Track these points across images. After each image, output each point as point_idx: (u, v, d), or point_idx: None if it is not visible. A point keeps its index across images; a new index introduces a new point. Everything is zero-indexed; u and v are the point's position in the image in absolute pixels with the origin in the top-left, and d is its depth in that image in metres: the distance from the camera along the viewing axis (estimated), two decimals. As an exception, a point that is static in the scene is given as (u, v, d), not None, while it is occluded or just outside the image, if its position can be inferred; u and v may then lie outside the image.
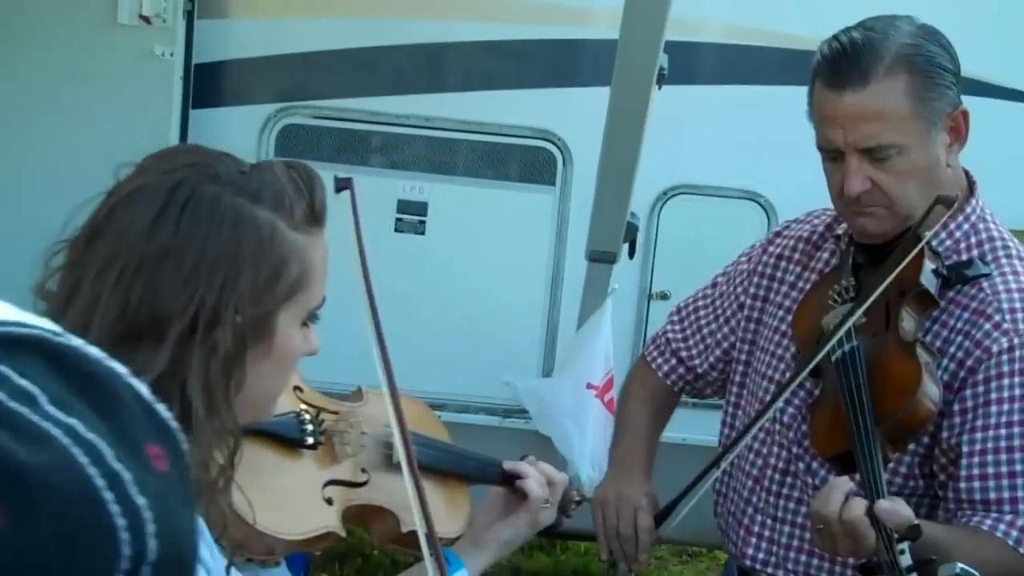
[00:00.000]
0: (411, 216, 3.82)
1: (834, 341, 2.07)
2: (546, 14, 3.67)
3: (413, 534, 1.73)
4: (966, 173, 2.23)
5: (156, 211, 1.38)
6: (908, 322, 2.07)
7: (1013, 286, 2.12)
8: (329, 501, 1.69)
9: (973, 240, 2.17)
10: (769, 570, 2.25)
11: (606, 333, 3.45)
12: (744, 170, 3.75)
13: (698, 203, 3.80)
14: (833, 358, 2.09)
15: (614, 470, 2.46)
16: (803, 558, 2.22)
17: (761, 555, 2.28)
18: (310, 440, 1.71)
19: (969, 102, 2.86)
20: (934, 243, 2.13)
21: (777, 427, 2.24)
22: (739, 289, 2.43)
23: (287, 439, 1.69)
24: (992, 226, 2.20)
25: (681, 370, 2.49)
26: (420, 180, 3.82)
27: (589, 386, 3.52)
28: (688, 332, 2.50)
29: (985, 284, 2.12)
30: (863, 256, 2.18)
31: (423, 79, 3.85)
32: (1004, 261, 2.16)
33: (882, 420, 1.99)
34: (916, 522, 1.84)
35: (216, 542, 1.40)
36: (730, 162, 3.78)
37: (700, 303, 2.52)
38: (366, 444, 1.78)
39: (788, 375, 2.25)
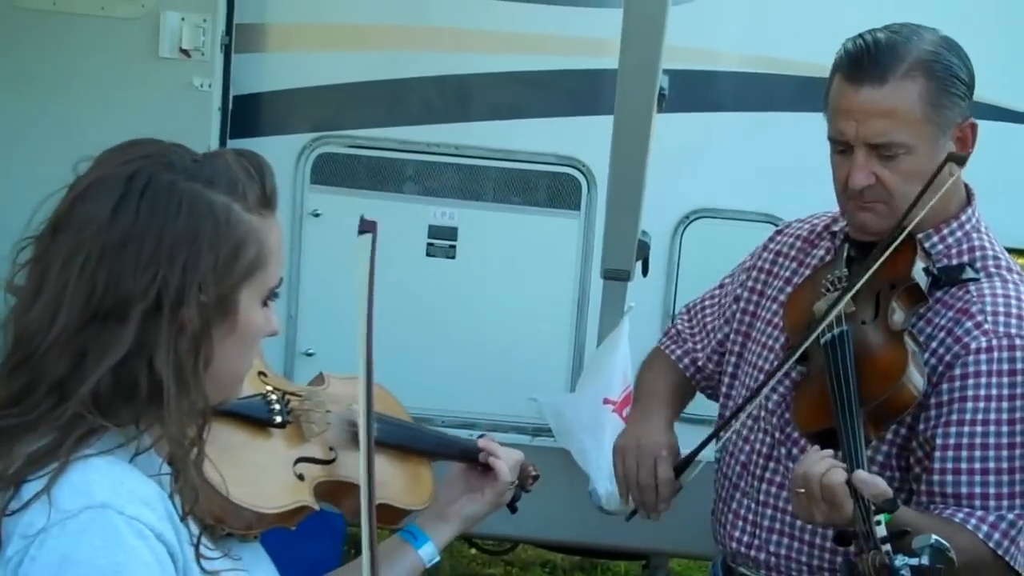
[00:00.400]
0: (442, 241, 3.91)
1: (827, 322, 2.13)
2: (569, 45, 3.76)
3: (382, 507, 1.82)
4: (965, 185, 2.29)
5: (115, 200, 1.44)
6: (897, 313, 2.13)
7: (999, 292, 2.17)
8: (300, 477, 1.75)
9: (965, 247, 2.24)
10: (752, 552, 2.31)
11: (624, 350, 3.52)
12: (762, 194, 3.81)
13: (718, 226, 3.87)
14: (822, 341, 2.14)
15: (634, 421, 2.50)
16: (784, 541, 2.27)
17: (746, 538, 2.32)
18: (278, 419, 1.76)
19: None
20: (926, 244, 2.21)
21: (763, 413, 2.30)
22: (736, 283, 2.50)
23: (256, 419, 1.74)
24: (985, 237, 2.26)
25: (687, 360, 2.57)
26: (450, 206, 3.92)
27: (606, 401, 3.57)
28: (696, 328, 2.58)
29: (972, 287, 2.17)
30: (856, 251, 2.24)
31: (452, 109, 3.94)
32: (993, 270, 2.22)
33: (866, 401, 2.05)
34: (892, 495, 1.90)
35: (188, 516, 1.47)
36: (748, 186, 3.84)
37: (707, 302, 2.60)
38: (331, 422, 1.83)
39: (772, 362, 2.31)
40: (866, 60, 2.14)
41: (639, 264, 3.53)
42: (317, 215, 3.93)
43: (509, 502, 2.10)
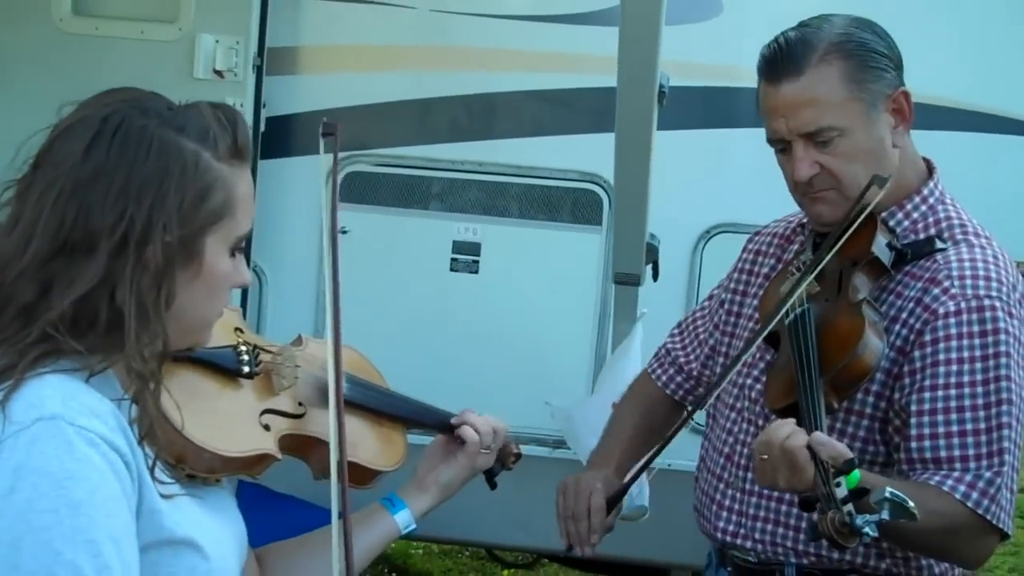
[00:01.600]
0: (465, 256, 3.99)
1: (790, 302, 2.16)
2: (590, 64, 3.81)
3: (352, 466, 1.84)
4: (925, 160, 2.31)
5: (89, 139, 1.51)
6: (858, 287, 2.15)
7: (965, 256, 2.18)
8: (266, 427, 1.78)
9: (931, 219, 2.25)
10: (739, 541, 2.31)
11: (635, 355, 3.53)
12: (781, 209, 3.84)
13: (739, 240, 3.79)
14: (787, 321, 2.17)
15: (587, 464, 2.53)
16: (769, 527, 2.28)
17: (731, 527, 2.33)
18: (246, 369, 1.79)
19: (980, 137, 3.01)
20: (891, 223, 2.23)
21: (746, 404, 2.33)
22: (725, 295, 2.53)
23: (224, 368, 1.78)
24: (951, 208, 2.27)
25: (679, 378, 2.60)
26: (474, 222, 3.99)
27: (615, 406, 3.59)
28: (687, 340, 2.62)
29: (939, 256, 2.18)
30: (822, 239, 2.26)
31: (476, 127, 4.01)
32: (960, 237, 2.22)
33: (827, 371, 2.07)
34: (851, 456, 1.89)
35: (144, 444, 1.51)
36: (769, 201, 3.85)
37: (698, 314, 2.65)
38: (300, 377, 1.87)
39: (758, 359, 2.33)
40: (780, 58, 2.18)
41: (650, 270, 3.57)
42: (345, 232, 4.00)
43: (489, 477, 2.13)
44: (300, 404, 1.86)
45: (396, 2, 3.97)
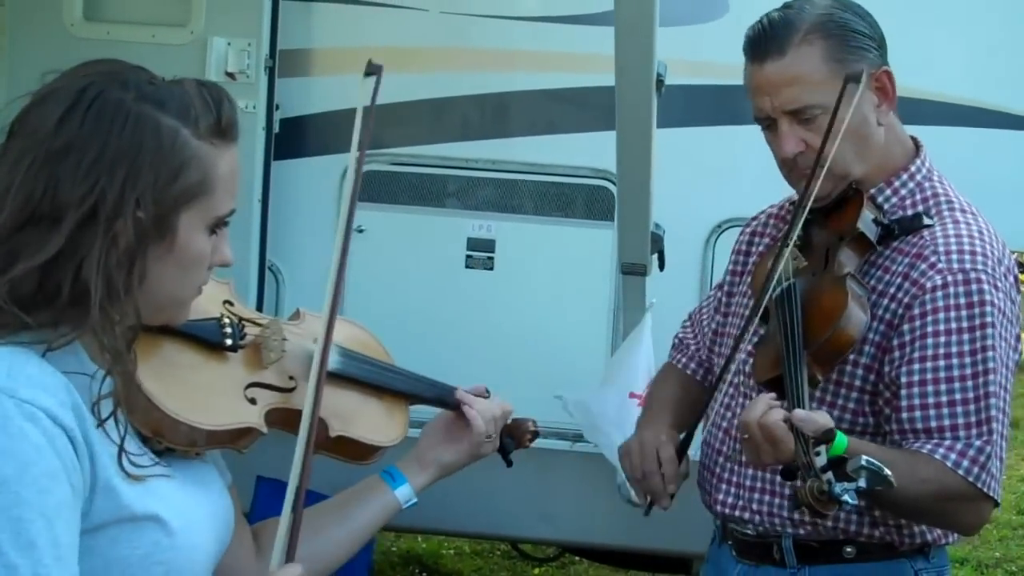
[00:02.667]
0: (480, 253, 4.04)
1: (777, 274, 2.19)
2: (600, 63, 3.80)
3: (341, 439, 1.87)
4: (913, 138, 2.35)
5: (64, 110, 1.48)
6: (843, 260, 2.19)
7: (951, 232, 2.21)
8: (252, 401, 1.75)
9: (918, 196, 2.28)
10: (737, 513, 2.35)
11: (647, 345, 3.58)
12: (791, 202, 3.91)
13: None
14: (774, 296, 2.21)
15: (637, 428, 2.52)
16: (766, 498, 2.30)
17: (730, 500, 2.36)
18: (228, 342, 1.75)
19: (979, 132, 3.01)
20: (879, 199, 2.27)
21: (741, 378, 2.37)
22: (728, 279, 2.57)
23: (207, 341, 1.74)
24: (938, 184, 2.31)
25: (693, 365, 2.64)
26: (488, 219, 4.04)
27: (632, 395, 3.60)
28: (696, 330, 2.66)
29: (926, 232, 2.22)
30: (812, 213, 2.27)
31: (490, 126, 4.07)
32: (947, 213, 2.26)
33: (810, 344, 2.11)
34: (831, 426, 1.93)
35: (115, 421, 1.49)
36: (777, 196, 3.91)
37: (704, 304, 2.69)
38: (288, 351, 1.83)
39: (742, 326, 2.34)
40: (764, 38, 2.24)
41: (656, 260, 3.60)
42: (361, 231, 4.05)
43: (503, 456, 2.13)
44: (291, 378, 1.83)
45: (407, 4, 4.03)
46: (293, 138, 4.01)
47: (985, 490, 2.12)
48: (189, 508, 1.59)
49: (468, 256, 4.05)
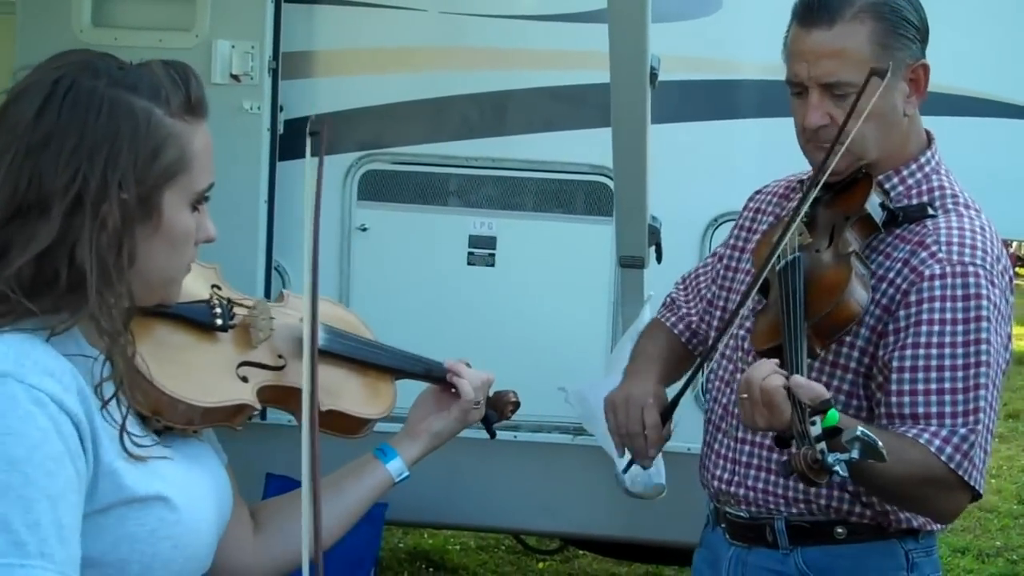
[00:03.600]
0: (481, 250, 4.09)
1: (782, 246, 2.20)
2: (597, 60, 3.83)
3: (331, 413, 1.91)
4: (926, 131, 2.36)
5: (40, 102, 1.51)
6: (849, 240, 2.21)
7: (954, 224, 2.23)
8: (244, 379, 1.79)
9: (924, 187, 2.30)
10: (732, 489, 2.38)
11: None
12: (787, 196, 3.95)
13: None
14: (777, 267, 2.22)
15: (625, 379, 2.53)
16: (761, 475, 2.34)
17: (727, 475, 2.39)
18: (219, 322, 1.80)
19: (976, 121, 3.00)
20: (887, 186, 2.28)
21: (739, 354, 2.39)
22: (728, 251, 2.59)
23: (198, 322, 1.78)
24: (944, 178, 2.33)
25: (682, 325, 2.66)
26: (489, 216, 4.09)
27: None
28: (690, 295, 2.68)
29: (929, 222, 2.24)
30: (821, 191, 2.29)
31: (489, 124, 4.11)
32: (951, 207, 2.28)
33: (811, 316, 2.12)
34: (828, 396, 1.95)
35: (118, 402, 1.53)
36: None
37: (701, 270, 2.72)
38: (275, 330, 1.88)
39: (751, 310, 2.36)
40: (816, 5, 2.22)
41: (654, 252, 3.60)
42: (364, 229, 4.11)
43: (487, 427, 2.16)
44: (280, 356, 1.87)
45: (407, 5, 4.07)
46: (297, 139, 4.03)
47: (966, 478, 2.14)
48: (190, 484, 1.63)
49: (470, 253, 4.10)
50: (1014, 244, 18.41)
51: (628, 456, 2.42)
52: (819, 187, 2.22)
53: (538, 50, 4.06)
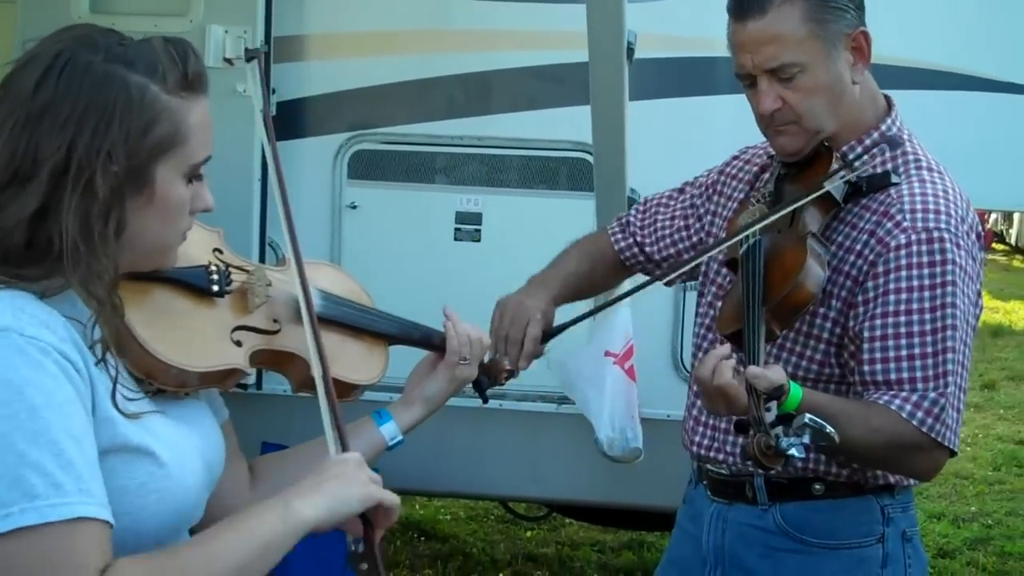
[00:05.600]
0: (468, 226, 4.18)
1: (744, 234, 2.26)
2: (579, 40, 3.89)
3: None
4: (885, 96, 2.41)
5: (40, 73, 1.55)
6: (807, 218, 2.25)
7: (917, 191, 2.26)
8: (238, 343, 1.81)
9: (888, 154, 2.33)
10: (712, 454, 2.45)
11: (624, 307, 3.67)
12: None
13: None
14: (741, 251, 2.26)
15: (527, 285, 2.60)
16: (740, 440, 2.31)
17: (706, 441, 2.47)
18: (215, 288, 1.81)
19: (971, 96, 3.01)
20: (850, 156, 2.32)
21: (716, 325, 2.42)
22: (698, 201, 2.64)
23: (195, 287, 1.79)
24: (907, 143, 2.35)
25: (635, 250, 2.71)
26: (475, 193, 4.18)
27: (607, 354, 3.71)
28: (647, 223, 2.72)
29: (892, 191, 2.27)
30: (785, 168, 2.38)
31: (474, 103, 4.18)
32: (914, 171, 2.31)
33: (769, 300, 2.16)
34: (781, 383, 1.99)
35: (105, 363, 1.56)
36: None
37: (663, 201, 2.75)
38: (272, 295, 1.89)
39: (727, 284, 2.43)
40: None
41: None
42: (354, 207, 4.20)
43: (480, 392, 2.21)
44: (275, 321, 1.88)
45: (394, -12, 4.13)
46: (289, 120, 4.13)
47: (939, 439, 2.19)
48: (178, 442, 1.66)
49: (456, 229, 4.18)
50: (990, 219, 18.54)
51: (494, 358, 2.39)
52: (805, 200, 2.25)
53: (521, 31, 4.13)
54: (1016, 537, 6.41)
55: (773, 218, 2.27)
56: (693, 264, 2.44)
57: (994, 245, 19.03)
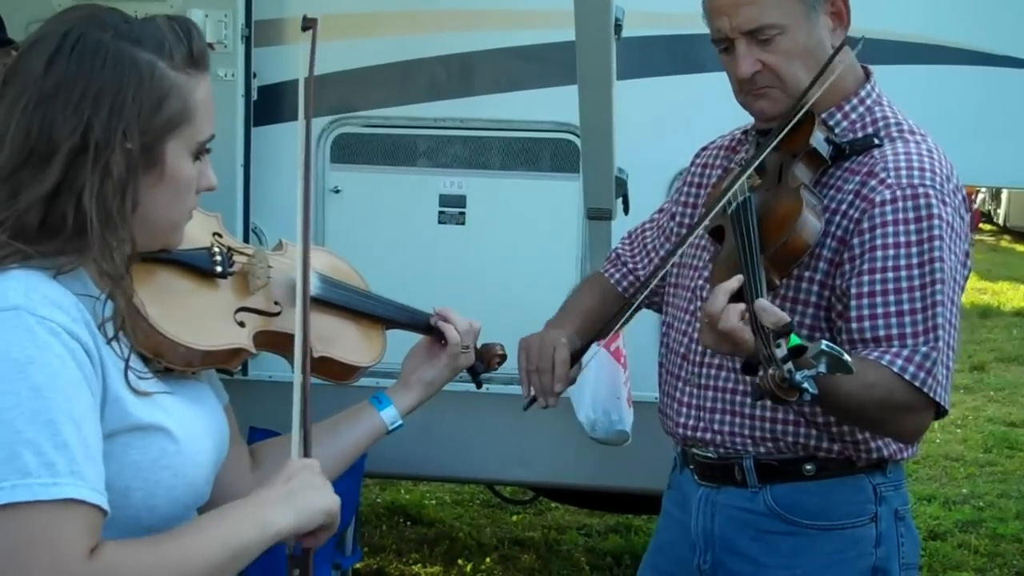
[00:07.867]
0: (452, 209, 4.16)
1: (733, 190, 2.25)
2: (561, 19, 3.89)
3: (324, 359, 1.99)
4: (863, 67, 2.41)
5: (50, 54, 1.58)
6: (797, 174, 2.25)
7: (900, 150, 2.27)
8: (241, 324, 1.87)
9: (868, 119, 2.34)
10: (699, 435, 2.43)
11: None
12: (749, 148, 4.03)
13: None
14: (729, 211, 2.26)
15: (544, 328, 2.59)
16: (727, 419, 2.39)
17: (691, 422, 2.44)
18: (219, 270, 1.86)
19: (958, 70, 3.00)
20: (831, 123, 2.32)
21: (698, 304, 2.43)
22: (676, 208, 2.64)
23: (199, 269, 1.84)
24: (887, 108, 2.36)
25: (631, 279, 2.72)
26: (458, 176, 4.15)
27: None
28: (635, 248, 2.74)
29: (876, 152, 2.28)
30: (764, 136, 2.35)
31: (456, 85, 4.16)
32: (896, 135, 2.31)
33: (767, 248, 2.15)
34: (790, 320, 1.96)
35: (117, 340, 1.59)
36: None
37: (647, 225, 2.78)
38: (272, 278, 1.94)
39: (708, 261, 2.41)
40: None
41: (621, 204, 3.66)
42: (337, 191, 4.18)
43: (474, 377, 2.26)
44: (276, 303, 1.94)
45: (374, -30, 4.09)
46: (270, 105, 4.10)
47: (930, 394, 2.17)
48: (189, 419, 1.70)
49: (440, 212, 4.16)
50: (978, 199, 18.60)
51: (531, 394, 2.47)
52: (781, 136, 2.25)
53: (502, 10, 4.10)
54: (1008, 519, 6.43)
55: (759, 160, 2.25)
56: (691, 235, 2.40)
57: (982, 225, 19.04)
